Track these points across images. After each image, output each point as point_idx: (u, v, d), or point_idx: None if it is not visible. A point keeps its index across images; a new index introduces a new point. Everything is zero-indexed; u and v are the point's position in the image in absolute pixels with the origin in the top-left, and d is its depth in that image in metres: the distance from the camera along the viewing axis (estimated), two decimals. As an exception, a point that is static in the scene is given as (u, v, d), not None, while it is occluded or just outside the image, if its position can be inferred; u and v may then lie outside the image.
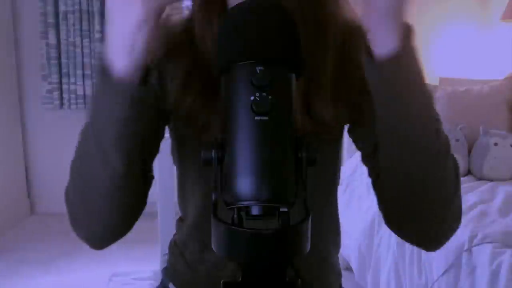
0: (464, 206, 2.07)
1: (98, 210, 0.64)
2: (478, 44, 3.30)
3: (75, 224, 0.68)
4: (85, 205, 0.65)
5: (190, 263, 0.83)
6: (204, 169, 0.44)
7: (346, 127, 0.76)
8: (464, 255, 1.62)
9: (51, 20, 3.16)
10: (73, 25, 3.15)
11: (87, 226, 0.67)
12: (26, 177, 3.45)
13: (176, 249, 0.85)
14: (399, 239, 0.72)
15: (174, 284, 0.87)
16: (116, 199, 0.62)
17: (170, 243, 0.88)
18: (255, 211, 0.41)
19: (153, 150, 0.68)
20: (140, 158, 0.61)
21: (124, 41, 0.54)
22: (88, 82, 3.20)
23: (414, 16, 0.57)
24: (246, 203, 0.41)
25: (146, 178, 0.65)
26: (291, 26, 0.47)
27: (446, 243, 0.68)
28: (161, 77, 0.70)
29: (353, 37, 0.69)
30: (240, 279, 0.42)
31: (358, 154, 2.84)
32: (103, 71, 0.55)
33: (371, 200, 2.30)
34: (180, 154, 0.76)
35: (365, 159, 0.72)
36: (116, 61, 0.55)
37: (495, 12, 3.10)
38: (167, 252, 0.89)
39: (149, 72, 0.58)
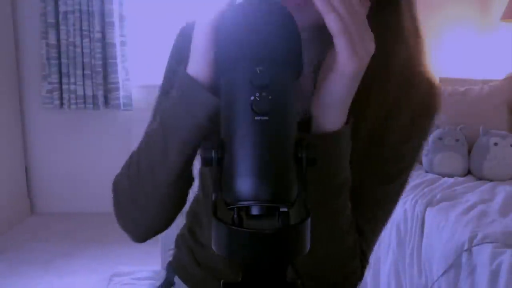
0: (464, 206, 2.08)
1: (146, 205, 0.67)
2: (478, 44, 3.30)
3: (120, 215, 0.72)
4: (135, 198, 0.68)
5: (196, 255, 0.83)
6: None
7: None
8: (464, 255, 1.62)
9: (51, 20, 3.16)
10: (73, 25, 3.15)
11: (133, 219, 0.71)
12: (26, 177, 3.45)
13: (183, 242, 0.86)
14: (399, 239, 0.74)
15: (180, 277, 0.87)
16: (165, 197, 0.66)
17: (177, 236, 0.89)
18: (255, 211, 0.41)
19: None
20: (192, 162, 0.64)
21: (200, 47, 0.55)
22: (88, 82, 3.20)
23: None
24: (246, 203, 0.41)
25: (189, 180, 0.69)
26: (291, 26, 0.47)
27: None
28: None
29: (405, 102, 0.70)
30: (240, 279, 0.42)
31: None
32: (185, 81, 0.57)
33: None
34: None
35: None
36: (195, 71, 0.57)
37: (495, 12, 3.10)
38: (171, 247, 0.90)
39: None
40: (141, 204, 0.68)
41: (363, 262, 0.75)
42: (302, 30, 0.49)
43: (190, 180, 0.69)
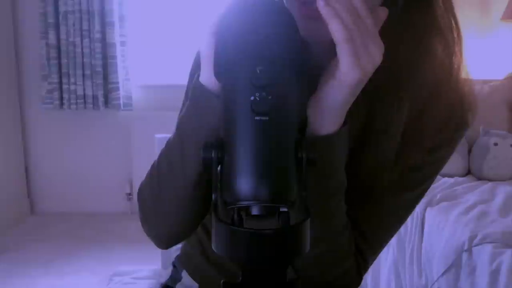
0: (464, 206, 2.08)
1: (168, 210, 0.67)
2: (478, 44, 3.30)
3: (144, 221, 0.72)
4: (156, 206, 0.68)
5: (206, 248, 0.84)
6: None
7: None
8: (464, 255, 1.62)
9: (51, 20, 3.15)
10: (73, 25, 3.14)
11: (155, 225, 0.71)
12: (26, 177, 3.45)
13: (194, 234, 0.86)
14: (399, 239, 0.74)
15: (187, 271, 0.87)
16: (185, 202, 0.65)
17: None
18: (255, 211, 0.41)
19: None
20: None
21: (206, 57, 0.55)
22: (88, 82, 3.20)
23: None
24: (246, 203, 0.41)
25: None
26: (291, 26, 0.47)
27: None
28: None
29: (436, 102, 0.69)
30: (240, 279, 0.42)
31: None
32: (197, 89, 0.58)
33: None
34: None
35: None
36: (205, 79, 0.57)
37: (495, 12, 3.10)
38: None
39: None
40: (163, 210, 0.68)
41: (361, 267, 0.74)
42: (324, 42, 0.49)
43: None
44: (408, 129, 0.68)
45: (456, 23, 0.68)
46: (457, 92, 0.70)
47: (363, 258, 0.74)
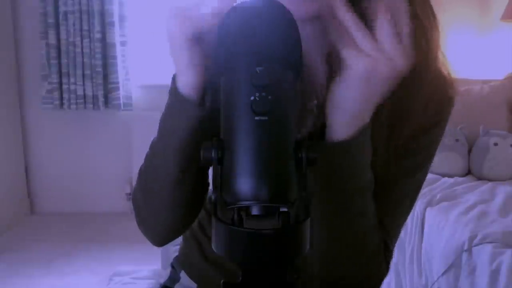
0: (464, 206, 2.08)
1: (158, 212, 0.69)
2: (478, 44, 3.30)
3: (139, 221, 0.74)
4: (148, 207, 0.70)
5: (205, 249, 0.84)
6: None
7: None
8: (464, 255, 1.62)
9: (51, 20, 3.15)
10: (73, 25, 3.15)
11: (148, 224, 0.73)
12: (26, 177, 3.45)
13: (192, 234, 0.87)
14: (399, 239, 0.76)
15: (186, 272, 0.87)
16: (173, 203, 0.66)
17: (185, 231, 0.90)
18: (255, 211, 0.41)
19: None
20: (195, 167, 0.64)
21: (181, 61, 0.55)
22: (88, 82, 3.20)
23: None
24: (246, 203, 0.41)
25: (202, 185, 0.68)
26: (291, 26, 0.47)
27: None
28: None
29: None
30: (240, 279, 0.42)
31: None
32: (173, 91, 0.58)
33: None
34: None
35: None
36: (180, 81, 0.57)
37: (495, 12, 3.10)
38: (176, 244, 0.91)
39: (206, 92, 0.58)
40: (153, 209, 0.69)
41: (387, 256, 0.75)
42: (306, 23, 0.49)
43: (204, 186, 0.68)
44: (393, 116, 0.68)
45: (432, 10, 0.69)
46: (436, 74, 0.71)
47: (387, 247, 0.74)
